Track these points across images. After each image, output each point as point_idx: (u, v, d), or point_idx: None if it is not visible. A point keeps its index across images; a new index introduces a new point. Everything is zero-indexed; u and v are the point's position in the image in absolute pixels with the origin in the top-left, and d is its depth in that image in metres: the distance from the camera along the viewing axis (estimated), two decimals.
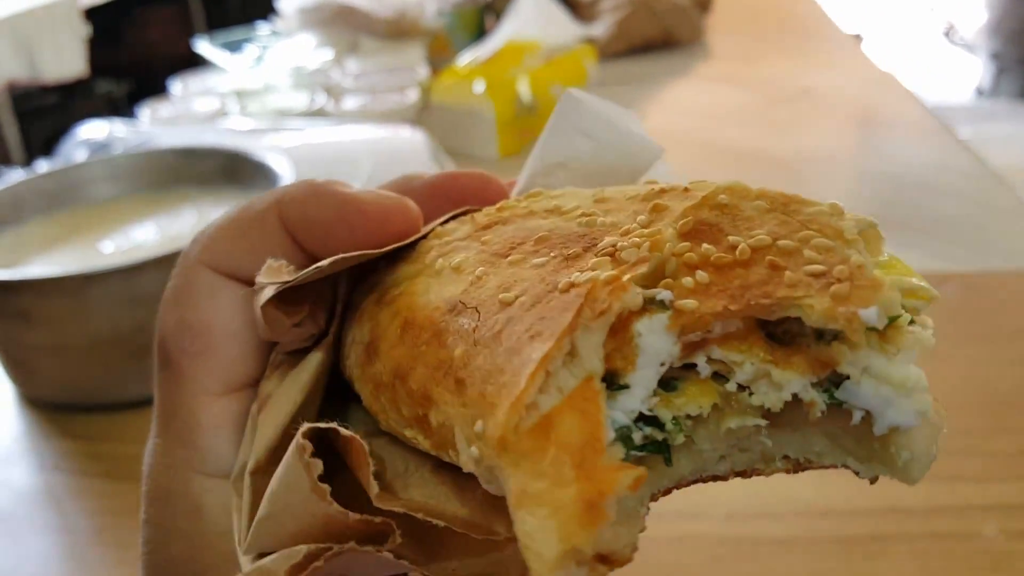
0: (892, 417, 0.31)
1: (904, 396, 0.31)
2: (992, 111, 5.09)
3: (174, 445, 0.41)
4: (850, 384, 0.31)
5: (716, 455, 0.34)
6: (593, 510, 0.28)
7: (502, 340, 0.31)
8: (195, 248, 0.42)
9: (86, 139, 1.41)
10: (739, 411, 0.33)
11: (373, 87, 1.68)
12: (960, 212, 1.30)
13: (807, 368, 0.32)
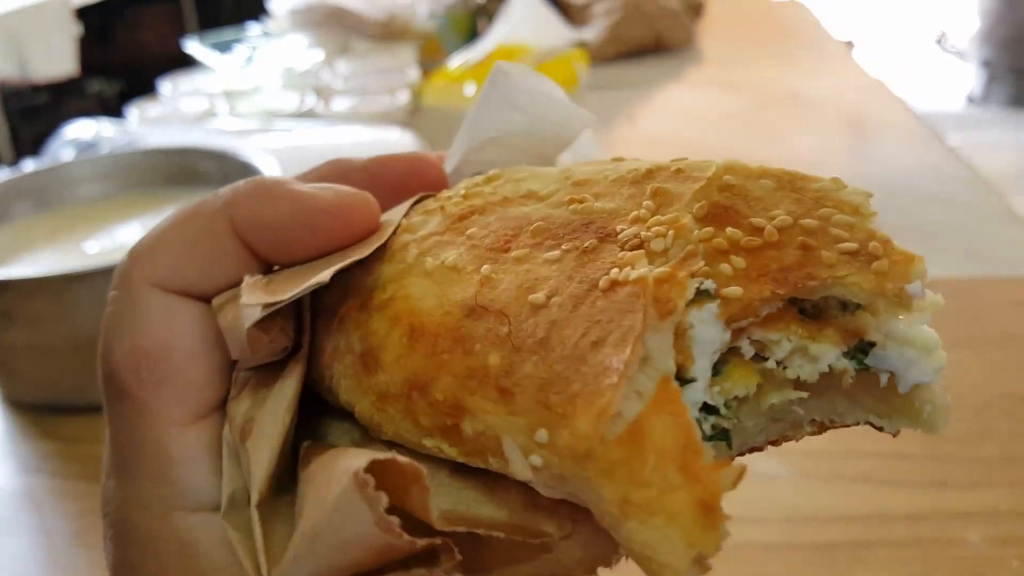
0: (915, 376, 0.33)
1: (925, 356, 0.33)
2: (983, 119, 5.11)
3: (143, 484, 0.37)
4: (877, 350, 0.33)
5: (757, 429, 0.35)
6: (711, 512, 0.28)
7: (553, 346, 0.31)
8: (136, 266, 0.38)
9: (73, 138, 1.41)
10: (778, 386, 0.34)
11: (363, 89, 1.68)
12: (948, 219, 1.30)
13: (839, 339, 0.33)
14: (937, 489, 0.76)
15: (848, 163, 1.58)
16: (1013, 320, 1.03)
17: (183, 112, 1.62)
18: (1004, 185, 2.69)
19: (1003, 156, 4.53)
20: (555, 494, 0.31)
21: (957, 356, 0.96)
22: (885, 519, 0.74)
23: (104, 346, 0.38)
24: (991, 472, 0.78)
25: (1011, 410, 0.86)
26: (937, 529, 0.72)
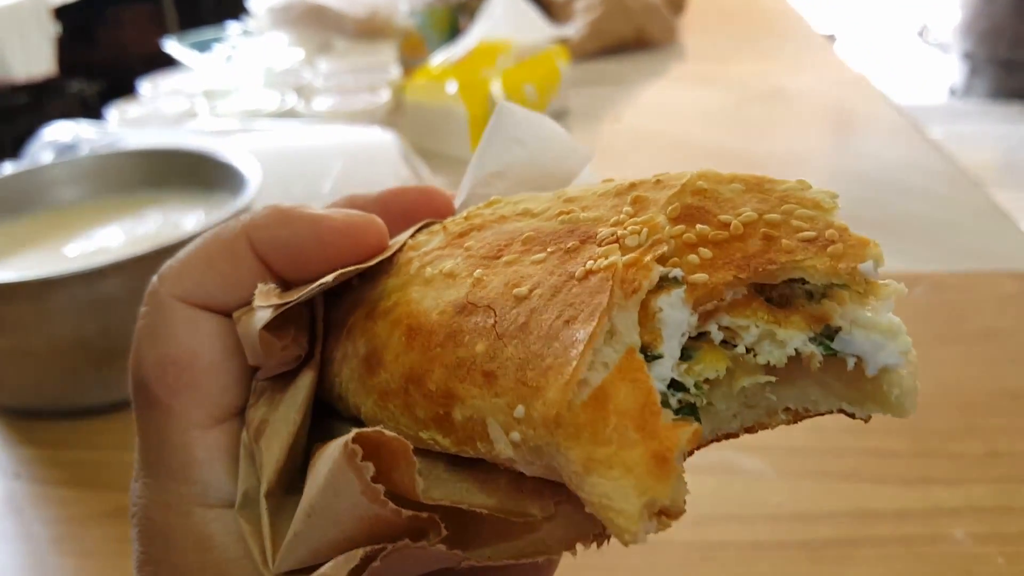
0: (881, 359, 0.35)
1: (890, 339, 0.34)
2: (965, 111, 5.14)
3: (167, 483, 0.40)
4: (843, 334, 0.35)
5: (730, 414, 0.37)
6: (663, 463, 0.30)
7: (531, 329, 0.34)
8: (164, 283, 0.41)
9: (52, 140, 1.39)
10: (748, 371, 0.36)
11: (344, 87, 1.67)
12: (931, 213, 1.30)
13: (804, 325, 0.35)
14: (923, 486, 0.76)
15: (831, 158, 1.58)
16: (997, 314, 1.03)
17: (163, 112, 1.61)
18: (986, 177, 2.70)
19: (985, 148, 4.55)
20: (535, 471, 0.33)
21: (941, 351, 0.97)
22: (871, 517, 0.74)
23: (135, 356, 0.41)
24: (976, 468, 0.78)
25: (996, 405, 0.86)
26: (923, 526, 0.72)
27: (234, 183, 1.03)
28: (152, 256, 0.87)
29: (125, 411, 0.92)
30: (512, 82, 1.61)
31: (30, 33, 3.51)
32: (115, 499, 0.81)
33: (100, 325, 0.88)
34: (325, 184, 1.24)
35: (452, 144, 1.57)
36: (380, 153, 1.31)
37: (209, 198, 1.08)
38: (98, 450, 0.88)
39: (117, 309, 0.88)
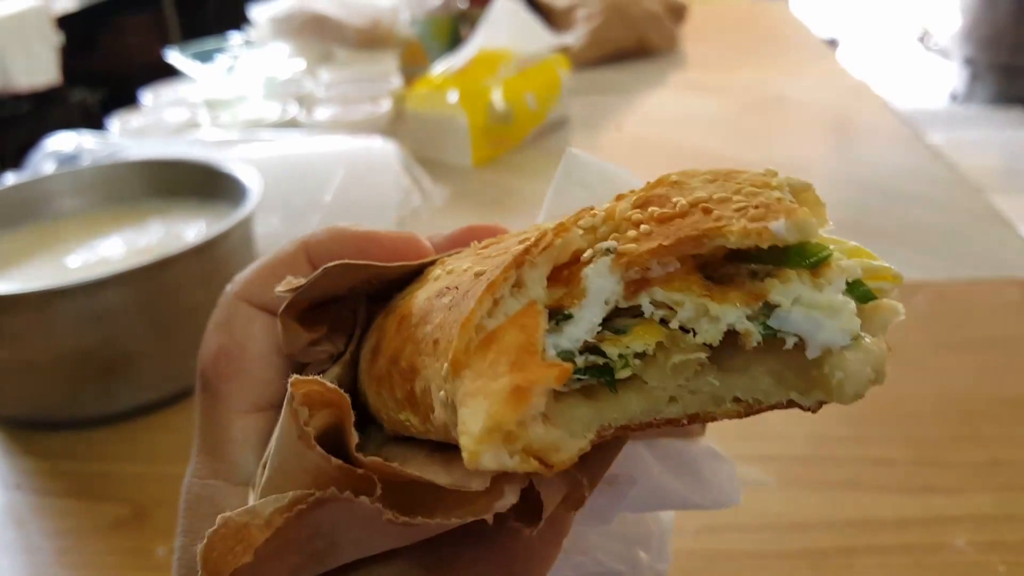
0: (822, 338, 0.33)
1: (831, 317, 0.33)
2: (966, 116, 5.13)
3: (207, 458, 0.44)
4: (780, 311, 0.34)
5: (666, 394, 0.35)
6: (519, 393, 0.31)
7: (469, 295, 0.35)
8: (234, 285, 0.48)
9: (54, 151, 1.40)
10: (684, 350, 0.35)
11: (346, 97, 1.67)
12: (932, 220, 1.30)
13: (742, 301, 0.34)
14: (924, 494, 0.76)
15: (832, 165, 1.59)
16: (999, 322, 1.03)
17: (165, 122, 1.62)
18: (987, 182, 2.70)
19: (986, 153, 4.55)
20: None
21: (943, 359, 0.97)
22: (872, 525, 0.74)
23: (202, 345, 0.46)
24: (978, 477, 0.78)
25: (998, 414, 0.86)
26: (924, 535, 0.72)
27: (236, 193, 1.04)
28: (154, 267, 0.87)
29: (127, 422, 0.92)
30: (513, 91, 1.61)
31: (33, 42, 3.52)
32: (117, 510, 0.81)
33: (102, 336, 0.89)
34: (326, 194, 1.25)
35: (453, 153, 1.57)
36: (381, 163, 1.32)
37: (211, 208, 1.08)
38: (100, 461, 0.88)
39: (119, 320, 0.89)
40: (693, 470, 0.50)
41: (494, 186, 1.51)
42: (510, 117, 1.60)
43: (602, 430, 0.35)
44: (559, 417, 0.34)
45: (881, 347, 0.34)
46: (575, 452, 0.33)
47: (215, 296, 0.96)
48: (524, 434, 0.31)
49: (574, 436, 0.34)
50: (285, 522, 0.33)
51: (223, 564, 0.32)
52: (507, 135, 1.62)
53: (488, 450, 0.31)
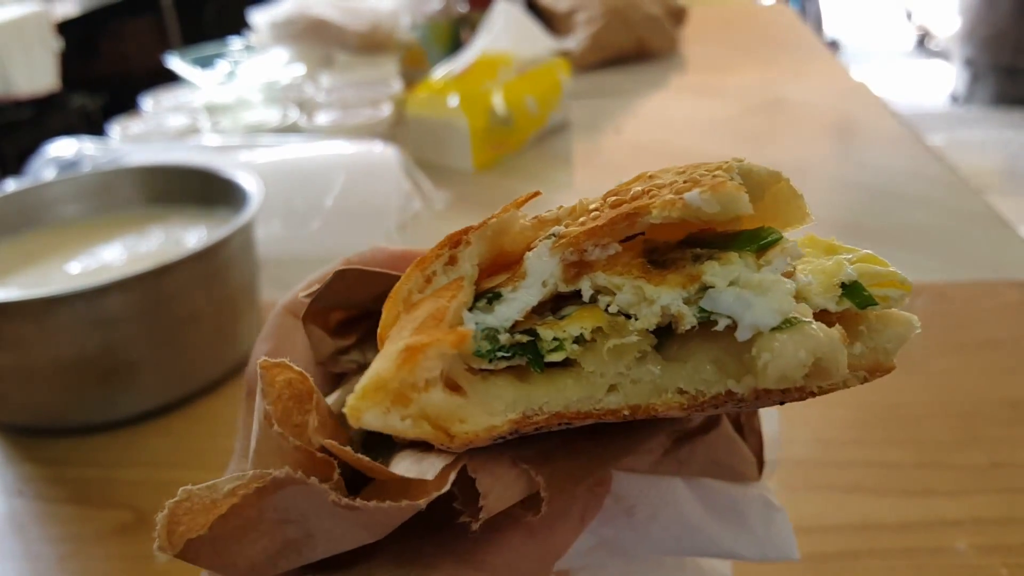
0: (750, 319, 0.32)
1: (760, 295, 0.32)
2: (966, 117, 5.13)
3: (241, 460, 0.45)
4: (713, 292, 0.33)
5: (604, 381, 0.35)
6: (409, 354, 0.31)
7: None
8: (285, 299, 0.49)
9: (55, 157, 1.40)
10: (621, 334, 0.34)
11: (346, 102, 1.67)
12: (932, 222, 1.30)
13: (679, 284, 0.33)
14: (925, 497, 0.76)
15: (833, 167, 1.58)
16: (999, 324, 1.03)
17: (166, 128, 1.62)
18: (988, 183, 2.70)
19: (987, 154, 4.55)
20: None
21: (943, 361, 0.97)
22: (874, 529, 0.74)
23: (253, 353, 0.48)
24: (979, 479, 0.78)
25: (998, 416, 0.86)
26: (925, 538, 0.72)
27: (236, 199, 1.04)
28: (154, 273, 0.87)
29: (128, 428, 0.92)
30: (513, 95, 1.61)
31: (33, 48, 3.52)
32: (119, 516, 0.81)
33: (103, 343, 0.89)
34: (327, 199, 1.25)
35: (454, 157, 1.57)
36: (382, 167, 1.32)
37: (211, 214, 1.08)
38: (101, 467, 0.88)
39: (120, 327, 0.89)
40: (739, 516, 0.48)
41: (495, 189, 1.51)
42: (511, 121, 1.60)
43: (529, 413, 0.34)
44: (477, 392, 0.34)
45: (829, 335, 0.32)
46: (482, 427, 0.33)
47: (216, 302, 0.97)
48: (419, 398, 0.31)
49: (490, 413, 0.33)
50: (242, 499, 0.32)
51: (178, 535, 0.31)
52: (508, 139, 1.62)
53: (372, 407, 0.31)
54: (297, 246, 1.22)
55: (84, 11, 4.05)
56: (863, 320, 0.37)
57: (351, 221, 1.25)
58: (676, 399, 0.35)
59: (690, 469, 0.46)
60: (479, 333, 0.34)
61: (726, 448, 0.46)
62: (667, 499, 0.46)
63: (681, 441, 0.45)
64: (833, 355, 0.32)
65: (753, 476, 0.49)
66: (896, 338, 0.37)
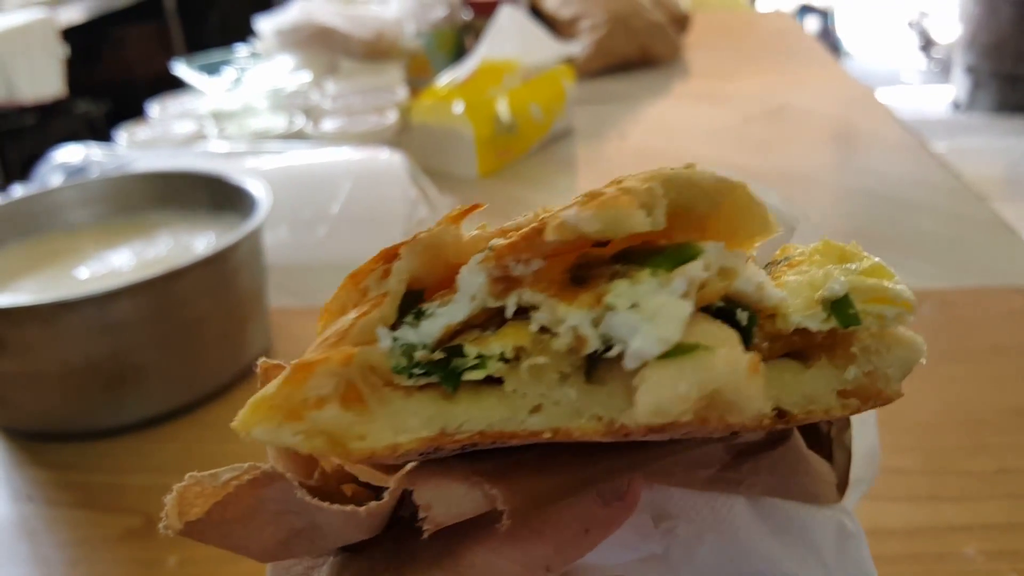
0: (636, 346, 0.29)
1: (646, 320, 0.29)
2: (968, 124, 5.14)
3: None
4: (612, 315, 0.30)
5: (526, 403, 0.33)
6: (294, 371, 0.31)
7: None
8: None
9: (62, 163, 1.40)
10: (542, 354, 0.32)
11: (352, 109, 1.68)
12: (937, 229, 1.31)
13: (587, 304, 0.31)
14: (932, 503, 0.77)
15: (837, 174, 1.59)
16: (1005, 331, 1.03)
17: (172, 135, 1.62)
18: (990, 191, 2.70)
19: (989, 162, 4.56)
20: None
21: (949, 369, 0.97)
22: (881, 534, 0.74)
23: None
24: (986, 485, 0.78)
25: (1005, 422, 0.86)
26: (933, 544, 0.72)
27: (244, 205, 1.04)
28: (163, 279, 0.88)
29: (136, 433, 0.93)
30: (518, 102, 1.62)
31: (38, 55, 3.53)
32: (128, 521, 0.82)
33: (111, 348, 0.89)
34: (334, 205, 1.25)
35: (459, 164, 1.58)
36: (388, 174, 1.32)
37: (219, 220, 1.08)
38: (110, 472, 0.89)
39: (128, 332, 0.89)
40: (807, 540, 0.44)
41: (500, 196, 1.51)
42: (515, 128, 1.61)
43: (449, 431, 0.33)
44: (388, 408, 0.33)
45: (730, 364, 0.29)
46: (381, 445, 0.32)
47: (224, 307, 0.97)
48: (310, 415, 0.31)
49: (397, 430, 0.33)
50: (235, 490, 0.32)
51: (179, 516, 0.32)
52: (512, 145, 1.62)
53: (261, 423, 0.31)
54: (304, 253, 1.22)
55: (89, 18, 4.06)
56: (857, 341, 0.34)
57: (358, 228, 1.25)
58: (592, 425, 0.32)
59: (752, 487, 0.43)
60: (397, 349, 0.33)
61: (795, 465, 0.43)
62: (721, 518, 0.43)
63: (742, 456, 0.42)
64: (734, 387, 0.29)
65: (830, 498, 0.45)
66: (899, 362, 0.35)
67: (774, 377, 0.34)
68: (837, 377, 0.35)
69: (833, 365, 0.35)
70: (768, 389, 0.34)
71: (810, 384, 0.35)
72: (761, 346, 0.34)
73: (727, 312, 0.33)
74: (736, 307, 0.33)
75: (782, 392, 0.34)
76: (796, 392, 0.35)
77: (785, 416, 0.34)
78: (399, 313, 0.35)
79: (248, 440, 0.32)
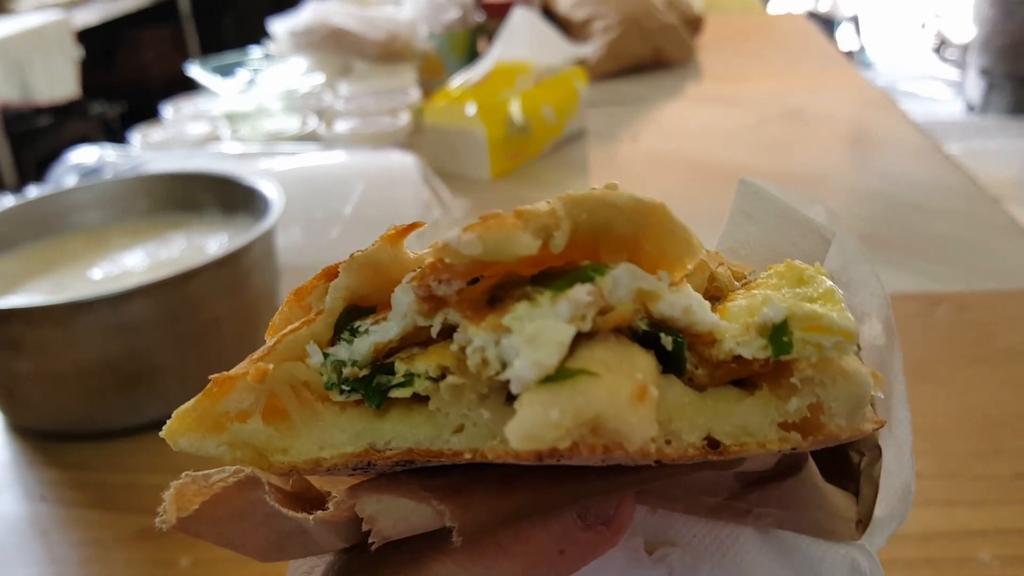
0: (516, 369, 0.28)
1: (526, 343, 0.28)
2: (982, 127, 5.12)
3: None
4: (505, 337, 0.29)
5: (449, 423, 0.33)
6: (214, 385, 0.33)
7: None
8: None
9: (77, 164, 1.41)
10: (461, 374, 0.32)
11: (365, 110, 1.68)
12: (952, 232, 1.30)
13: (492, 326, 0.30)
14: (948, 508, 0.76)
15: (851, 177, 1.58)
16: (1022, 334, 1.02)
17: (186, 136, 1.63)
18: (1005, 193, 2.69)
19: (1003, 164, 4.53)
20: None
21: (965, 372, 0.96)
22: (897, 539, 0.73)
23: None
24: (1002, 490, 0.78)
25: (1021, 426, 0.85)
26: (949, 548, 0.72)
27: (257, 206, 1.04)
28: (177, 279, 0.88)
29: (150, 433, 0.93)
30: (531, 103, 1.62)
31: (53, 56, 3.55)
32: (141, 521, 0.82)
33: (125, 348, 0.89)
34: (346, 207, 1.25)
35: (472, 166, 1.58)
36: (401, 176, 1.32)
37: (232, 221, 1.09)
38: (124, 472, 0.89)
39: (142, 332, 0.89)
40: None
41: (513, 198, 1.51)
42: (528, 129, 1.61)
43: (378, 447, 0.33)
44: (315, 422, 0.34)
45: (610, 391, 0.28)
46: (302, 459, 0.34)
47: (238, 308, 0.98)
48: (232, 427, 0.33)
49: (322, 445, 0.34)
50: (222, 490, 0.33)
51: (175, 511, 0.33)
52: (525, 147, 1.62)
53: (186, 433, 0.33)
54: (316, 254, 1.22)
55: (104, 20, 4.09)
56: (797, 371, 0.33)
57: (370, 229, 1.24)
58: (503, 447, 0.31)
59: (760, 518, 0.41)
60: (328, 365, 0.34)
61: (807, 498, 0.41)
62: (724, 549, 0.42)
63: (751, 485, 0.41)
64: (615, 414, 0.28)
65: (846, 535, 0.43)
66: (844, 397, 0.32)
67: (708, 405, 0.33)
68: (778, 408, 0.33)
69: (775, 396, 0.33)
70: (696, 417, 0.33)
71: (747, 414, 0.33)
72: (696, 372, 0.33)
73: (653, 336, 0.32)
74: (662, 331, 0.32)
75: (714, 421, 0.33)
76: (730, 422, 0.33)
77: (718, 447, 0.33)
78: (340, 328, 0.35)
79: (176, 450, 0.33)
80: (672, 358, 0.32)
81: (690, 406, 0.33)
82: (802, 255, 0.41)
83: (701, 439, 0.32)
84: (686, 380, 0.33)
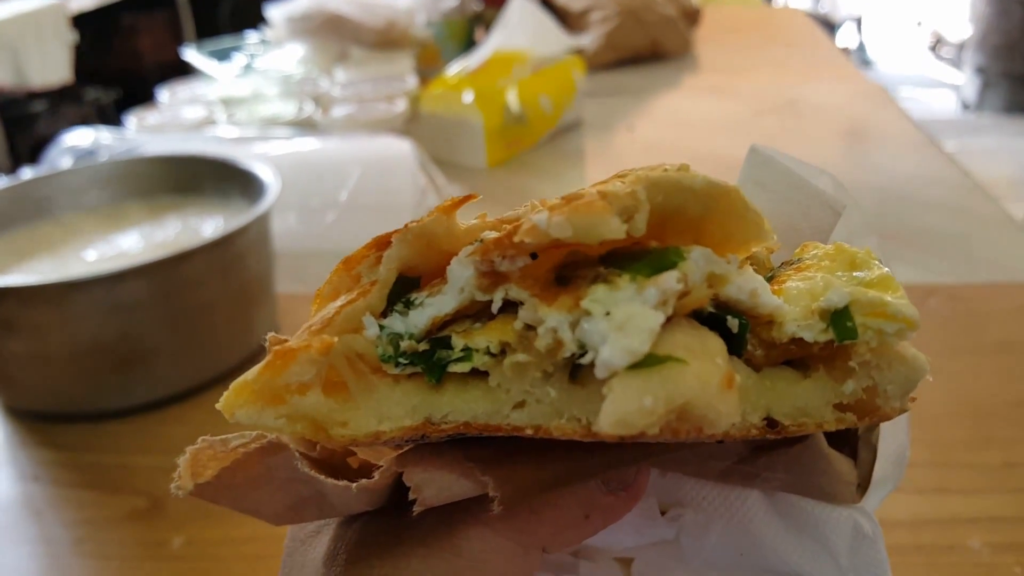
0: (605, 356, 0.28)
1: (616, 329, 0.28)
2: (977, 124, 5.13)
3: None
4: (587, 320, 0.29)
5: (510, 398, 0.33)
6: (275, 358, 0.32)
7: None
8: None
9: (71, 146, 1.41)
10: (525, 351, 0.32)
11: (361, 97, 1.68)
12: (946, 225, 1.30)
13: (566, 307, 0.30)
14: (939, 495, 0.76)
15: (846, 170, 1.58)
16: (1014, 326, 1.03)
17: (182, 120, 1.62)
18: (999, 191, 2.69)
19: (998, 162, 4.54)
20: None
21: (957, 363, 0.97)
22: (887, 526, 0.73)
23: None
24: (993, 478, 0.78)
25: (1013, 416, 0.86)
26: (939, 536, 0.72)
27: (252, 190, 1.04)
28: (172, 261, 0.88)
29: (144, 414, 0.93)
30: (528, 92, 1.61)
31: (48, 41, 3.54)
32: (134, 501, 0.82)
33: (120, 329, 0.89)
34: (342, 192, 1.25)
35: (468, 153, 1.58)
36: (397, 162, 1.32)
37: (228, 205, 1.08)
38: (117, 453, 0.89)
39: (136, 313, 0.89)
40: (821, 538, 0.43)
41: (509, 186, 1.51)
42: (525, 118, 1.61)
43: (435, 420, 0.34)
44: (373, 395, 0.34)
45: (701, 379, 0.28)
46: (363, 432, 0.33)
47: (232, 291, 0.98)
48: (292, 400, 0.32)
49: (381, 418, 0.34)
50: (243, 455, 0.33)
51: (191, 476, 0.33)
52: (521, 136, 1.62)
53: (244, 406, 0.32)
54: (312, 240, 1.22)
55: (99, 5, 4.07)
56: (855, 354, 0.33)
57: (366, 215, 1.25)
58: (571, 426, 0.32)
59: (767, 482, 0.42)
60: (384, 338, 0.34)
61: (813, 463, 0.42)
62: (733, 510, 0.43)
63: (759, 451, 0.42)
64: (705, 402, 0.28)
65: (848, 498, 0.43)
66: (900, 380, 0.33)
67: (767, 386, 0.34)
68: (834, 390, 0.34)
69: (831, 377, 0.34)
70: (758, 398, 0.33)
71: (805, 395, 0.34)
72: (755, 354, 0.34)
73: (718, 319, 0.33)
74: (727, 314, 0.33)
75: (774, 402, 0.34)
76: (789, 403, 0.34)
77: (776, 426, 0.33)
78: (391, 300, 0.35)
79: (232, 422, 0.32)
80: (734, 339, 0.33)
81: (753, 388, 0.33)
82: (812, 226, 0.42)
83: (761, 419, 0.33)
84: (744, 361, 0.34)
